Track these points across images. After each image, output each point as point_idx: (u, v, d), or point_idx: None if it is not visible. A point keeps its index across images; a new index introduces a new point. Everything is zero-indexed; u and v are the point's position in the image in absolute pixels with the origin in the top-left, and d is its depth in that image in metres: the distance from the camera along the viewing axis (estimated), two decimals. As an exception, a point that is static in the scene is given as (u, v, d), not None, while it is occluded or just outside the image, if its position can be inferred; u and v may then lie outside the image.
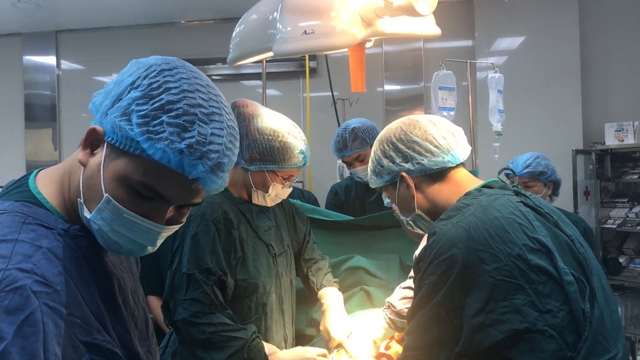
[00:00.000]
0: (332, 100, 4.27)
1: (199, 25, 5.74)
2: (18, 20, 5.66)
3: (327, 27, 1.52)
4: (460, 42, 5.22)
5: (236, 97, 1.84)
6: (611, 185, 4.70)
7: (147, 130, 0.86)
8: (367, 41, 1.69)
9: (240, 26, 1.77)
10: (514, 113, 4.43)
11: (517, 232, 1.16)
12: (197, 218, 1.77)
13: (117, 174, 0.89)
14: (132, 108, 0.87)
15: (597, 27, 4.83)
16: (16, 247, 0.83)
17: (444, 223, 1.21)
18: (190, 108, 0.88)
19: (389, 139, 1.41)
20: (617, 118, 4.50)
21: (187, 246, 1.74)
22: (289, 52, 1.54)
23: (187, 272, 1.70)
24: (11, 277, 0.79)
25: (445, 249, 1.16)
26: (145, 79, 0.89)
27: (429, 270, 1.18)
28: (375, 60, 5.24)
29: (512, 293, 1.10)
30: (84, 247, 0.93)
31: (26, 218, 0.88)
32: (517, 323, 1.09)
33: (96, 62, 5.96)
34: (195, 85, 0.91)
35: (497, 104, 2.93)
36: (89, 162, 0.91)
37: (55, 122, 6.04)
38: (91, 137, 0.91)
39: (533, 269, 1.12)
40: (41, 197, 0.93)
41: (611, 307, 1.20)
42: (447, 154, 1.36)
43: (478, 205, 1.22)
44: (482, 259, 1.12)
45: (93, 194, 0.91)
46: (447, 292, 1.15)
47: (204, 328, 1.69)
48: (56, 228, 0.90)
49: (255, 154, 1.81)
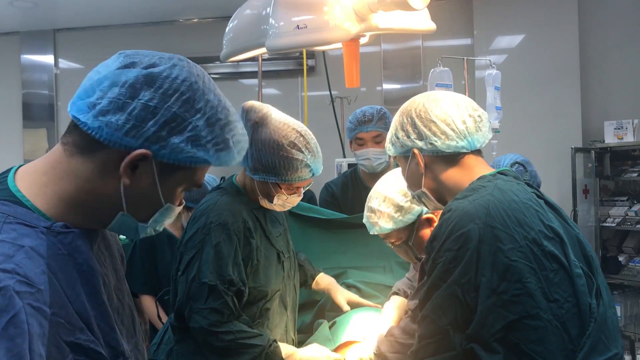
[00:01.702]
0: (330, 99, 4.26)
1: (198, 24, 5.74)
2: (15, 18, 5.65)
3: (320, 22, 1.50)
4: (459, 40, 5.20)
5: (235, 96, 1.82)
6: (610, 183, 4.69)
7: (216, 147, 0.97)
8: (362, 36, 1.68)
9: (233, 21, 1.75)
10: (513, 111, 4.41)
11: (533, 218, 1.15)
12: (218, 227, 1.72)
13: (175, 183, 0.98)
14: (202, 134, 0.94)
15: (596, 25, 4.82)
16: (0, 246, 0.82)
17: (460, 201, 1.21)
18: (234, 119, 1.01)
19: (409, 113, 1.39)
20: (616, 116, 4.49)
21: (209, 255, 1.69)
22: (282, 47, 1.53)
23: (210, 282, 1.67)
24: None
25: (462, 224, 1.15)
26: (193, 101, 0.94)
27: (445, 246, 1.16)
28: (373, 58, 5.23)
29: (526, 276, 1.09)
30: (67, 244, 0.92)
31: (6, 217, 0.87)
32: (529, 307, 1.08)
33: (94, 61, 5.70)
34: (222, 96, 1.01)
35: (494, 101, 2.92)
36: (133, 181, 0.94)
37: (53, 121, 6.03)
38: (137, 158, 0.92)
39: (547, 255, 1.11)
40: (20, 195, 0.92)
41: (612, 308, 1.20)
42: (463, 140, 1.33)
43: (495, 187, 1.21)
44: (499, 237, 1.11)
45: (144, 204, 0.97)
46: (464, 269, 1.13)
47: (222, 336, 1.69)
48: (38, 226, 0.89)
49: (258, 164, 1.76)
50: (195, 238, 1.73)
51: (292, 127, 1.77)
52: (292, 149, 1.73)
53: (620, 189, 4.67)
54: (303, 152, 1.75)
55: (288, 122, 1.79)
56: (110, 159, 0.92)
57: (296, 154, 1.74)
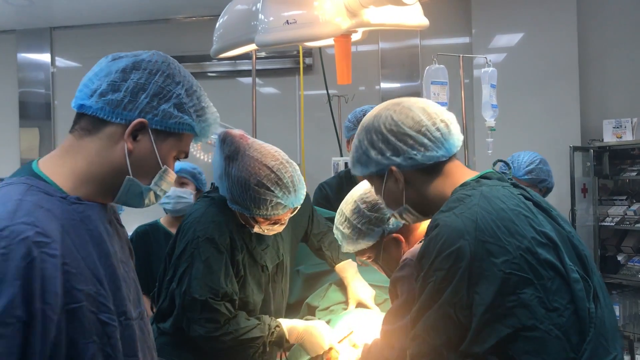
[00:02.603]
0: (328, 98, 4.24)
1: (195, 22, 5.71)
2: (11, 16, 5.62)
3: (310, 17, 1.48)
4: (458, 38, 5.18)
5: (232, 94, 1.81)
6: (609, 182, 4.67)
7: (196, 114, 1.17)
8: (353, 32, 1.65)
9: (223, 17, 1.73)
10: (511, 110, 4.40)
11: (524, 225, 1.10)
12: (206, 241, 1.74)
13: (168, 149, 1.16)
14: (183, 102, 1.15)
15: (595, 24, 4.79)
16: (21, 205, 0.99)
17: (447, 215, 1.14)
18: (200, 89, 1.21)
19: (378, 129, 1.29)
20: (615, 115, 4.47)
21: (199, 271, 1.72)
22: (271, 43, 1.50)
23: (200, 297, 1.71)
24: (17, 230, 0.95)
25: (451, 241, 1.09)
26: (174, 77, 1.15)
27: (435, 265, 1.11)
28: (371, 57, 5.21)
29: (521, 287, 1.05)
30: (80, 212, 1.07)
31: (30, 187, 1.04)
32: (524, 318, 1.04)
33: (91, 59, 5.71)
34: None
35: (490, 99, 2.89)
36: (135, 147, 1.11)
37: (50, 120, 6.00)
38: (136, 128, 1.10)
39: (542, 263, 1.07)
40: (41, 173, 1.09)
41: (609, 307, 1.16)
42: (441, 147, 1.26)
43: (481, 195, 1.15)
44: (491, 252, 1.07)
45: (146, 169, 1.14)
46: (455, 288, 1.08)
47: (223, 339, 1.74)
48: (55, 195, 1.06)
49: (231, 197, 1.75)
50: (186, 252, 1.76)
51: (264, 163, 1.69)
52: (261, 188, 1.68)
53: (619, 188, 4.65)
54: (272, 191, 1.68)
55: (261, 156, 1.71)
56: (114, 132, 1.11)
57: (265, 193, 1.68)
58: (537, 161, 2.61)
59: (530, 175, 2.58)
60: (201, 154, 4.84)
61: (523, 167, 2.63)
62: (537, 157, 2.64)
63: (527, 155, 2.66)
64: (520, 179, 2.59)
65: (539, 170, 2.60)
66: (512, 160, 2.67)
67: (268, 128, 4.18)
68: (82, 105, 1.11)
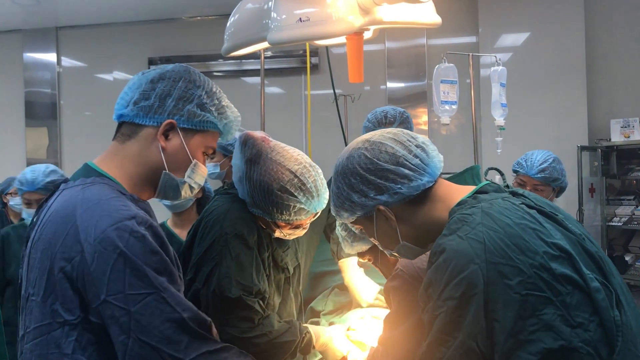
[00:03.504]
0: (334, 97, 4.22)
1: (201, 21, 5.71)
2: (18, 16, 5.64)
3: (323, 15, 1.46)
4: (464, 38, 5.17)
5: (238, 94, 1.79)
6: (617, 182, 4.65)
7: (218, 112, 1.34)
8: (365, 30, 1.64)
9: (235, 15, 1.72)
10: (519, 109, 4.38)
11: (533, 239, 1.02)
12: (235, 238, 1.66)
13: (197, 145, 1.32)
14: (204, 102, 1.32)
15: (602, 23, 4.78)
16: (125, 201, 1.18)
17: (451, 238, 1.06)
18: (220, 93, 1.38)
19: (355, 171, 1.23)
20: (623, 114, 4.45)
21: (230, 268, 1.63)
22: (284, 41, 1.48)
23: (233, 296, 1.61)
24: (144, 217, 1.16)
25: (461, 267, 1.01)
26: (196, 83, 1.33)
27: (445, 294, 1.02)
28: (378, 56, 5.20)
29: (541, 308, 0.97)
30: (144, 209, 1.24)
31: (109, 186, 1.21)
32: (549, 341, 0.96)
33: (97, 59, 5.94)
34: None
35: (499, 98, 2.88)
36: (168, 145, 1.28)
37: (56, 119, 6.01)
38: (167, 128, 1.28)
39: (558, 278, 0.99)
40: (107, 175, 1.26)
41: (632, 306, 1.09)
42: (424, 174, 1.20)
43: (482, 213, 1.08)
44: (504, 274, 0.99)
45: (178, 163, 1.30)
46: (475, 318, 0.99)
47: (256, 340, 1.63)
48: (127, 194, 1.24)
49: (253, 202, 1.69)
50: (213, 250, 1.66)
51: (287, 168, 1.64)
52: (284, 193, 1.63)
53: (626, 187, 4.63)
54: (296, 197, 1.63)
55: (284, 160, 1.66)
56: (149, 134, 1.28)
57: (287, 198, 1.63)
58: (551, 160, 2.57)
59: (544, 174, 2.53)
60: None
61: (536, 165, 2.58)
62: (550, 155, 2.60)
63: (540, 153, 2.61)
64: (534, 177, 2.55)
65: (552, 169, 2.55)
66: (525, 158, 2.62)
67: (274, 127, 4.17)
68: (121, 115, 1.30)
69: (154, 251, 1.13)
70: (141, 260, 1.10)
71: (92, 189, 1.19)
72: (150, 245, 1.12)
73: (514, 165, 2.66)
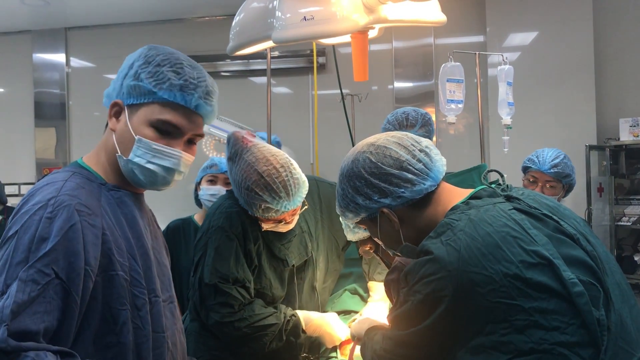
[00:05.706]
0: (341, 97, 4.22)
1: (208, 22, 5.73)
2: (27, 17, 5.68)
3: (328, 13, 1.47)
4: (472, 37, 5.16)
5: (245, 94, 1.81)
6: (626, 182, 4.62)
7: (155, 80, 1.22)
8: (370, 28, 1.64)
9: (240, 14, 1.73)
10: (527, 108, 4.36)
11: (512, 248, 1.07)
12: (217, 230, 1.82)
13: (140, 120, 1.22)
14: (139, 72, 1.23)
15: (611, 21, 4.75)
16: (66, 183, 1.15)
17: (434, 241, 1.13)
18: (177, 61, 1.25)
19: (359, 174, 1.27)
20: (631, 113, 4.42)
21: (210, 258, 1.79)
22: (288, 39, 1.49)
23: (210, 282, 1.77)
24: (61, 199, 1.10)
25: (433, 270, 1.09)
26: (141, 56, 1.26)
27: (416, 287, 1.12)
28: (385, 56, 5.20)
29: (512, 314, 1.03)
30: (117, 197, 1.24)
31: (73, 173, 1.20)
32: (520, 344, 1.02)
33: (106, 59, 5.95)
34: (178, 52, 1.29)
35: (506, 97, 2.87)
36: (117, 126, 1.24)
37: (65, 120, 6.05)
38: (114, 109, 1.25)
39: (533, 287, 1.04)
40: (85, 165, 1.27)
41: (629, 302, 1.11)
42: (427, 178, 1.25)
43: (468, 220, 1.13)
44: (475, 281, 1.05)
45: (126, 143, 1.22)
46: (437, 319, 1.09)
47: (237, 325, 1.77)
48: (96, 181, 1.23)
49: (237, 196, 1.82)
50: (200, 242, 1.85)
51: (255, 169, 1.71)
52: (251, 192, 1.71)
53: (635, 187, 4.60)
54: (261, 196, 1.70)
55: (255, 160, 1.73)
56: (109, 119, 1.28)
57: (254, 197, 1.72)
58: (562, 156, 2.60)
59: (557, 169, 2.56)
60: (213, 152, 4.85)
61: (549, 161, 2.60)
62: (561, 152, 2.63)
63: (551, 150, 2.65)
64: (547, 173, 2.57)
65: (564, 164, 2.58)
66: (536, 155, 2.64)
67: (281, 127, 4.18)
68: None
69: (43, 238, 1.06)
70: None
71: (54, 175, 1.20)
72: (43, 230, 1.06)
73: (524, 162, 2.66)
